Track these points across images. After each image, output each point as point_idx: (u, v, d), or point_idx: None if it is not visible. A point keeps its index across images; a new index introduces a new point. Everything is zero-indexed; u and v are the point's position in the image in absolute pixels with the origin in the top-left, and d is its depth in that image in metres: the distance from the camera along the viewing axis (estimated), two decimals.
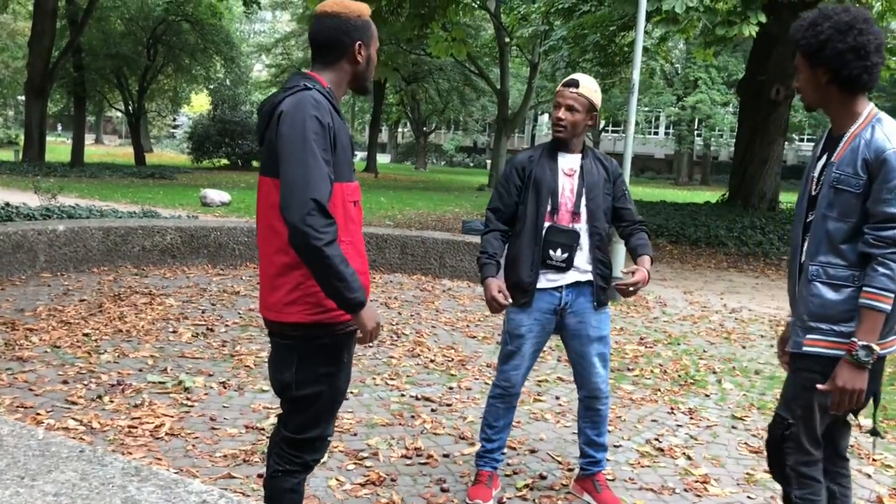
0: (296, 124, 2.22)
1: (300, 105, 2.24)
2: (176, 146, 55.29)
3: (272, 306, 2.36)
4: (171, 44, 31.02)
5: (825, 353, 2.47)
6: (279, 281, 2.32)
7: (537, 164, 3.29)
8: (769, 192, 15.61)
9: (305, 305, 2.29)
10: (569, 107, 3.23)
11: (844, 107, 2.48)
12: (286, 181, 2.20)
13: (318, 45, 2.41)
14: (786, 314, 8.28)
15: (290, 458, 2.45)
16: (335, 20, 2.37)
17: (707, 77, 41.53)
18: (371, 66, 2.46)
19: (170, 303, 6.74)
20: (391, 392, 4.76)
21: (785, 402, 2.58)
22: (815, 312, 2.47)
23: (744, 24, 10.78)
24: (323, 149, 2.24)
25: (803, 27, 2.48)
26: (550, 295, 3.27)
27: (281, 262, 2.31)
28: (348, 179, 2.37)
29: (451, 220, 16.53)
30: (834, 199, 2.43)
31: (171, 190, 20.54)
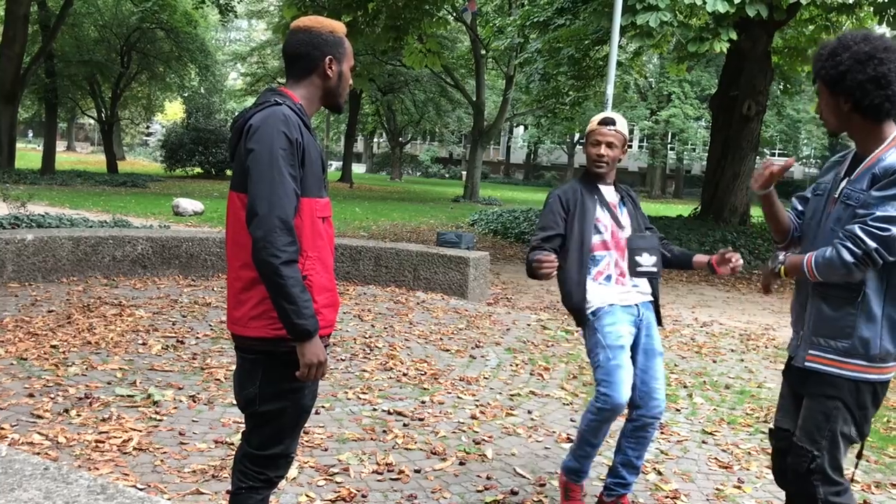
0: (263, 140, 2.23)
1: (268, 120, 2.26)
2: (149, 154, 54.84)
3: (238, 320, 2.36)
4: (146, 51, 30.78)
5: (826, 371, 2.53)
6: (245, 295, 2.33)
7: (582, 197, 3.42)
8: (741, 206, 15.78)
9: (270, 320, 2.29)
10: (609, 143, 3.41)
11: (868, 132, 2.53)
12: (252, 197, 2.22)
13: (289, 58, 2.43)
14: (758, 327, 8.37)
15: (253, 474, 2.44)
16: (306, 34, 2.39)
17: (680, 91, 42.00)
18: (344, 82, 2.47)
19: (140, 314, 6.67)
20: (363, 406, 4.74)
21: (807, 434, 2.57)
22: (817, 327, 2.56)
23: (715, 40, 10.92)
24: (290, 164, 2.25)
25: (823, 57, 2.51)
26: (629, 307, 3.38)
27: (247, 277, 2.32)
28: (317, 195, 2.38)
29: (426, 231, 16.53)
30: (842, 214, 2.51)
31: (143, 199, 20.36)
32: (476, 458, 4.07)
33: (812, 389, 2.59)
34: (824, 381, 2.54)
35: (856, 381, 2.51)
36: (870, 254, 2.38)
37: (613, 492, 3.47)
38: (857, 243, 2.39)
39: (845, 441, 2.54)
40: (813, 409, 2.57)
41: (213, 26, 43.40)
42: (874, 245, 2.37)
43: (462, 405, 4.93)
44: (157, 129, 55.09)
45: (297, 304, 2.20)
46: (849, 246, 2.40)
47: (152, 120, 52.29)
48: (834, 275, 2.46)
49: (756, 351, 7.23)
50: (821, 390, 2.55)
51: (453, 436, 4.37)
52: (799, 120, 43.33)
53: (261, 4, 41.23)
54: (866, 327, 2.48)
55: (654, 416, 3.39)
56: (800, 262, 2.57)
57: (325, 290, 2.40)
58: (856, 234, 2.40)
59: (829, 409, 2.52)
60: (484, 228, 17.85)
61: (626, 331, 3.31)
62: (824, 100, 2.55)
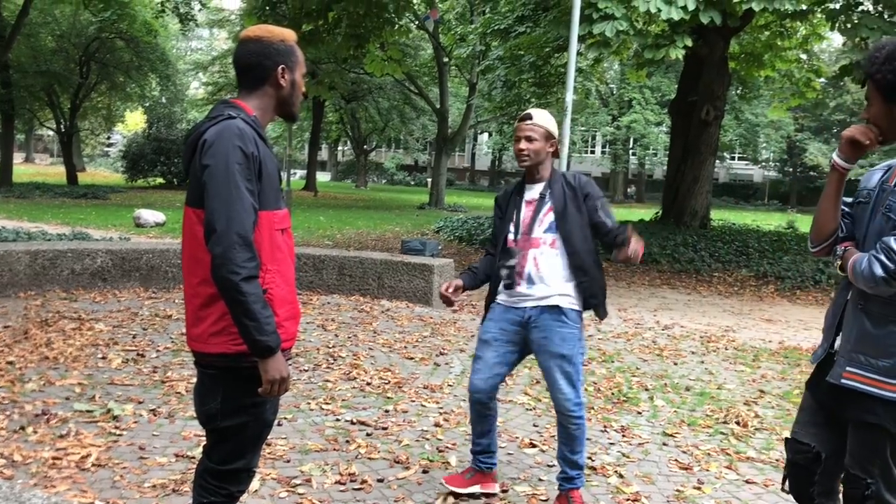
0: (218, 155, 2.22)
1: (223, 135, 2.24)
2: (110, 165, 54.05)
3: (198, 337, 2.34)
4: (105, 61, 30.37)
5: (864, 390, 2.41)
6: (204, 312, 2.32)
7: (510, 198, 3.63)
8: (701, 209, 15.99)
9: (231, 336, 2.28)
10: (527, 137, 3.49)
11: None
12: (210, 213, 2.20)
13: (240, 69, 2.41)
14: (718, 329, 8.49)
15: (214, 489, 2.43)
16: (257, 44, 2.38)
17: (641, 97, 42.49)
18: (297, 91, 2.47)
19: (99, 328, 6.58)
20: (326, 417, 4.72)
21: (858, 463, 2.47)
22: (857, 343, 2.44)
23: (671, 47, 11.06)
24: (247, 179, 2.24)
25: (879, 60, 2.36)
26: (515, 308, 3.52)
27: (205, 293, 2.30)
28: (275, 207, 2.37)
29: (391, 239, 16.51)
30: (884, 226, 2.40)
31: (103, 210, 20.07)
32: (440, 465, 4.09)
33: (852, 414, 2.47)
34: (863, 403, 2.43)
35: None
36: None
37: (562, 487, 3.59)
38: (891, 256, 2.29)
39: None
40: (859, 439, 2.47)
41: (174, 35, 42.99)
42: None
43: (426, 413, 4.94)
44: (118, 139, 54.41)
45: (258, 320, 2.19)
46: (882, 259, 2.31)
47: (113, 130, 51.64)
48: (865, 285, 2.37)
49: (716, 353, 7.33)
50: (861, 416, 2.44)
51: (417, 444, 4.38)
52: (757, 124, 44.00)
53: (221, 13, 40.89)
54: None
55: (561, 411, 3.53)
56: (847, 261, 2.45)
57: (286, 302, 2.39)
58: (891, 246, 2.30)
59: (875, 440, 2.42)
60: (449, 235, 17.88)
61: (498, 329, 3.56)
62: (877, 106, 2.40)
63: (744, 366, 6.85)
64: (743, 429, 5.00)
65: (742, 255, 13.97)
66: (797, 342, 8.15)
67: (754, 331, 8.72)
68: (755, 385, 6.19)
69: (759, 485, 4.10)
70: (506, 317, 3.55)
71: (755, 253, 14.06)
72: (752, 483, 4.11)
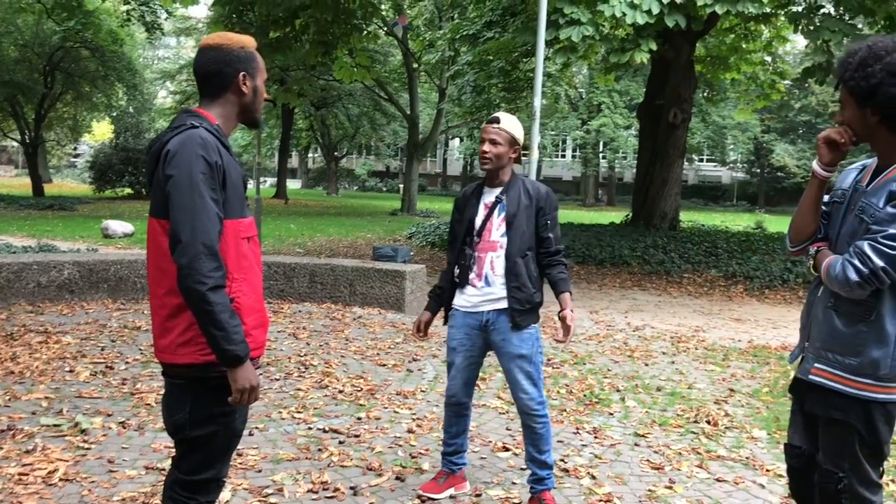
0: (182, 165, 2.21)
1: (186, 145, 2.23)
2: (77, 176, 53.42)
3: (165, 348, 2.33)
4: (70, 71, 30.02)
5: (831, 387, 2.45)
6: (171, 323, 2.30)
7: (469, 200, 3.65)
8: (670, 211, 16.15)
9: (199, 346, 2.27)
10: (492, 140, 3.51)
11: (891, 145, 2.44)
12: (174, 224, 2.19)
13: (201, 78, 2.40)
14: (688, 329, 8.57)
15: (184, 500, 2.41)
16: (217, 52, 2.37)
17: (610, 101, 42.83)
18: (259, 97, 2.46)
19: (67, 340, 6.49)
20: (298, 425, 4.70)
21: (830, 458, 2.52)
22: (826, 341, 2.48)
23: (636, 51, 11.17)
24: (211, 188, 2.23)
25: (852, 66, 2.38)
26: (472, 314, 3.59)
27: (172, 304, 2.29)
28: (240, 216, 2.36)
29: (362, 246, 16.48)
30: (857, 228, 2.42)
31: (71, 222, 19.82)
32: (413, 471, 4.08)
33: (818, 409, 2.53)
34: (829, 399, 2.47)
35: (863, 400, 2.42)
36: (876, 272, 2.30)
37: (534, 489, 3.64)
38: (865, 261, 2.31)
39: (870, 458, 2.48)
40: (829, 431, 2.51)
41: (140, 44, 42.63)
42: (882, 264, 2.29)
43: (399, 419, 4.93)
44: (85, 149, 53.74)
45: (226, 329, 2.18)
46: (856, 263, 2.32)
47: (79, 141, 51.02)
48: (839, 289, 2.40)
49: (686, 353, 7.40)
50: (828, 412, 2.49)
51: (390, 451, 4.37)
52: (724, 126, 44.54)
53: (188, 22, 40.62)
54: (877, 347, 2.39)
55: (525, 411, 3.59)
56: (821, 262, 2.48)
57: (253, 311, 2.39)
58: (864, 251, 2.32)
59: (843, 434, 2.47)
60: (422, 241, 17.89)
61: (462, 334, 3.63)
62: (850, 110, 2.43)
63: (714, 365, 6.92)
64: (713, 428, 5.05)
65: (711, 255, 14.12)
66: (766, 341, 8.25)
67: (724, 330, 8.81)
68: (725, 384, 6.25)
69: (729, 482, 4.14)
70: (466, 322, 3.61)
71: (724, 253, 14.21)
72: (722, 481, 4.15)
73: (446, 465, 3.79)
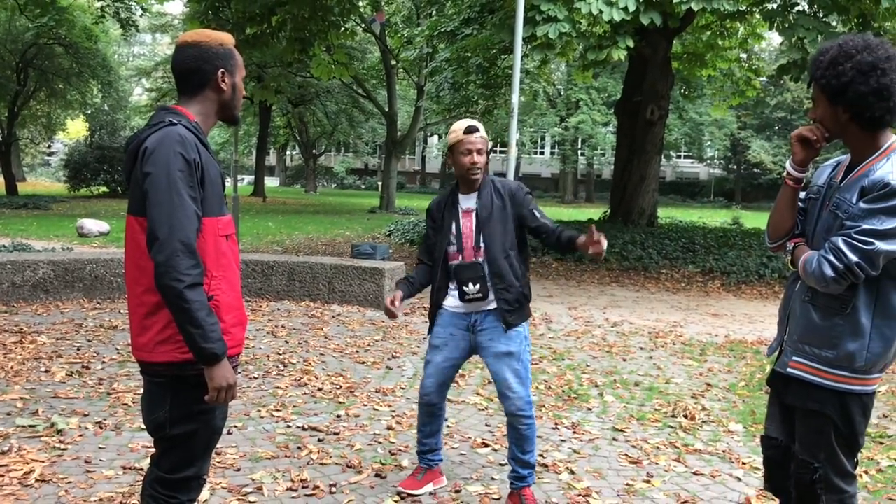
0: (160, 163, 2.20)
1: (164, 142, 2.23)
2: (51, 174, 52.90)
3: (143, 347, 2.33)
4: (44, 68, 29.64)
5: (808, 379, 2.50)
6: (149, 321, 2.30)
7: (445, 208, 3.61)
8: (648, 208, 16.22)
9: (177, 344, 2.27)
10: (479, 150, 3.50)
11: (863, 141, 2.47)
12: (152, 221, 2.19)
13: (180, 75, 2.40)
14: (666, 324, 8.63)
15: (164, 499, 2.41)
16: (195, 49, 2.37)
17: (588, 98, 42.94)
18: (238, 94, 2.47)
19: (42, 340, 6.43)
20: (277, 424, 4.68)
21: (806, 448, 2.56)
22: (803, 334, 2.52)
23: (613, 48, 11.22)
24: (189, 186, 2.23)
25: (823, 65, 2.42)
26: (461, 315, 3.59)
27: (150, 302, 2.29)
28: (219, 214, 2.36)
29: (341, 243, 16.43)
30: (832, 223, 2.47)
31: (45, 220, 19.61)
32: (392, 468, 4.08)
33: (796, 401, 2.57)
34: (807, 392, 2.51)
35: (839, 392, 2.47)
36: (851, 268, 2.34)
37: (514, 486, 3.65)
38: (840, 256, 2.35)
39: (845, 449, 2.53)
40: (806, 423, 2.56)
41: (115, 41, 42.17)
42: (856, 259, 2.33)
43: (378, 417, 4.93)
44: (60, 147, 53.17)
45: (203, 327, 2.18)
46: (831, 259, 2.36)
47: (54, 139, 50.47)
48: (815, 284, 2.44)
49: (664, 348, 7.46)
50: (804, 403, 2.53)
51: (369, 448, 4.37)
52: (701, 123, 44.82)
53: (164, 18, 40.29)
54: (852, 340, 2.43)
55: (512, 412, 3.58)
56: (798, 258, 2.53)
57: (232, 308, 2.38)
58: (839, 246, 2.36)
59: (819, 425, 2.51)
60: (400, 238, 17.86)
61: (448, 334, 3.61)
62: (822, 108, 2.47)
63: (691, 360, 6.98)
64: (690, 422, 5.09)
65: (689, 251, 14.22)
66: (742, 335, 8.33)
67: (701, 325, 8.89)
68: (702, 378, 6.30)
69: (706, 476, 4.18)
70: (454, 321, 3.60)
71: (701, 249, 14.32)
72: (699, 475, 4.19)
73: (423, 462, 3.82)
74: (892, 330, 2.45)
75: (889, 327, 2.45)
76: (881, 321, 2.44)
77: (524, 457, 3.60)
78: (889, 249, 2.34)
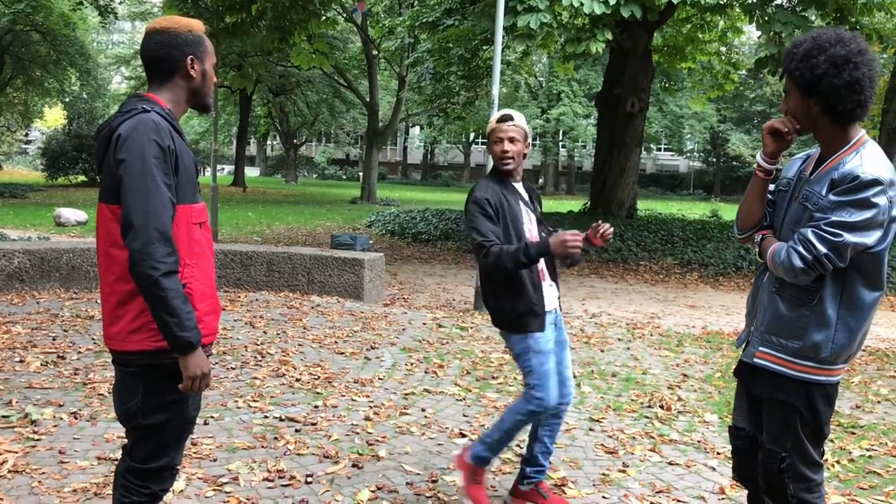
0: (134, 149, 2.19)
1: (138, 129, 2.22)
2: (29, 163, 52.32)
3: (115, 336, 2.32)
4: (20, 55, 29.35)
5: (774, 370, 2.53)
6: (122, 310, 2.29)
7: (506, 199, 3.40)
8: (627, 200, 16.32)
9: (150, 332, 2.27)
10: (511, 139, 3.42)
11: (834, 134, 2.50)
12: (127, 209, 2.17)
13: (149, 62, 2.39)
14: (644, 316, 8.69)
15: (136, 489, 2.40)
16: (164, 35, 2.36)
17: (569, 90, 43.06)
18: (208, 81, 2.45)
19: (17, 330, 6.37)
20: (254, 414, 4.67)
21: (773, 438, 2.59)
22: (770, 324, 2.56)
23: (592, 41, 11.25)
24: (164, 172, 2.22)
25: (797, 57, 2.45)
26: (550, 312, 3.47)
27: (123, 291, 2.28)
28: (192, 201, 2.35)
29: (321, 234, 16.39)
30: (801, 216, 2.50)
31: (22, 210, 19.40)
32: (369, 458, 4.08)
33: (762, 391, 2.60)
34: (773, 381, 2.55)
35: (804, 382, 2.50)
36: (819, 259, 2.36)
37: (533, 479, 3.60)
38: (809, 248, 2.37)
39: (811, 438, 2.56)
40: (772, 412, 2.59)
41: (94, 28, 41.68)
42: (825, 251, 2.35)
43: (356, 407, 4.93)
44: (37, 136, 52.58)
45: (178, 316, 2.17)
46: (800, 250, 2.39)
47: (31, 127, 49.88)
48: (784, 275, 2.47)
49: (642, 339, 7.51)
50: (771, 394, 2.56)
51: (346, 438, 4.37)
52: (681, 116, 45.05)
53: (143, 6, 39.87)
54: (818, 330, 2.46)
55: (568, 401, 3.59)
56: (766, 249, 2.56)
57: (206, 297, 2.37)
58: (808, 238, 2.38)
59: (785, 415, 2.54)
60: (381, 229, 17.85)
61: (551, 334, 3.44)
62: (794, 100, 2.50)
63: (668, 351, 7.03)
64: (666, 412, 5.13)
65: (667, 243, 14.31)
66: (719, 327, 8.40)
67: (678, 317, 8.95)
68: (679, 369, 6.36)
69: (681, 466, 4.22)
70: (549, 322, 3.45)
71: (680, 241, 14.42)
72: (674, 464, 4.23)
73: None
74: (856, 321, 2.49)
75: (854, 318, 2.49)
76: (846, 312, 2.48)
77: (552, 446, 3.61)
78: (857, 241, 2.37)
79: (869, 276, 2.47)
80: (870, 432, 4.94)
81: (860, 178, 2.36)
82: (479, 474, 3.55)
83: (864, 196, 2.36)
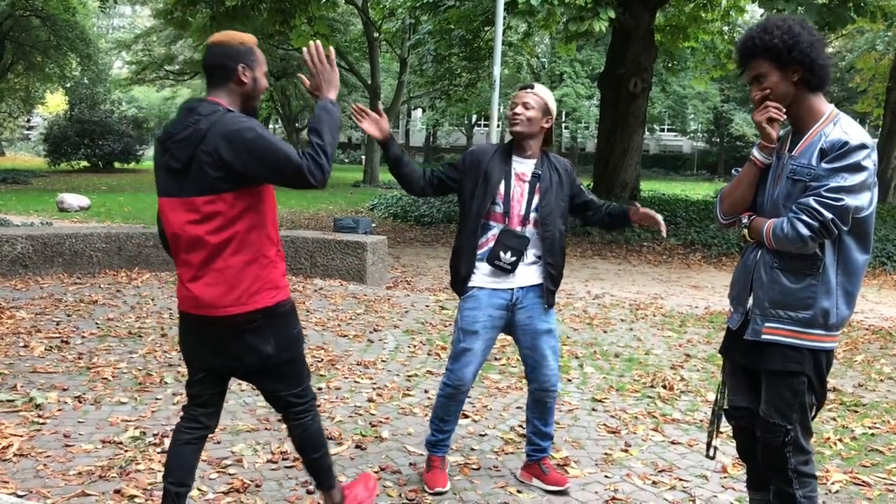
0: (248, 127, 2.55)
1: (238, 118, 2.57)
2: (31, 149, 52.23)
3: (237, 301, 2.63)
4: (21, 40, 29.24)
5: (786, 342, 2.56)
6: (239, 277, 2.62)
7: (491, 161, 3.39)
8: (630, 181, 16.25)
9: (268, 290, 2.67)
10: (524, 104, 3.37)
11: (810, 107, 2.58)
12: (281, 162, 2.51)
13: (208, 70, 2.70)
14: (647, 297, 8.68)
15: (305, 406, 2.89)
16: (220, 48, 2.69)
17: (572, 71, 42.78)
18: (259, 87, 2.74)
19: (21, 315, 6.39)
20: (258, 397, 4.67)
21: (778, 411, 2.60)
22: (775, 300, 2.58)
23: (594, 19, 11.17)
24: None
25: (764, 32, 2.55)
26: (499, 292, 3.40)
27: (239, 262, 2.61)
28: None
29: (324, 217, 16.39)
30: (791, 190, 2.55)
31: (25, 195, 19.42)
32: (372, 440, 4.11)
33: (773, 365, 2.60)
34: (786, 354, 2.57)
35: (814, 350, 2.56)
36: (826, 224, 2.42)
37: (533, 457, 3.66)
38: (814, 215, 2.43)
39: (816, 404, 2.65)
40: (780, 385, 2.60)
41: (94, 13, 41.48)
42: (830, 216, 2.42)
43: (359, 389, 4.95)
44: (39, 121, 52.48)
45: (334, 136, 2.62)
46: (804, 219, 2.44)
47: (33, 112, 49.81)
48: (790, 246, 2.50)
49: (645, 320, 7.51)
50: (784, 365, 2.58)
51: (350, 420, 4.39)
52: (685, 96, 44.80)
53: None
54: (826, 298, 2.53)
55: (546, 388, 3.54)
56: (760, 227, 2.60)
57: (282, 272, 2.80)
58: (811, 206, 2.44)
59: (796, 384, 2.57)
60: (384, 212, 17.84)
61: (486, 316, 3.39)
62: (771, 77, 2.56)
63: (671, 331, 7.03)
64: (669, 392, 5.14)
65: (671, 224, 14.28)
66: (722, 307, 8.40)
67: (682, 297, 8.95)
68: (681, 349, 6.36)
69: (683, 445, 4.23)
70: (492, 302, 3.39)
71: (683, 222, 14.39)
72: (677, 444, 4.24)
73: (439, 451, 3.60)
74: (853, 285, 2.59)
75: (850, 283, 2.58)
76: (844, 278, 2.57)
77: (546, 429, 3.61)
78: (857, 204, 2.47)
79: (860, 240, 2.56)
80: (872, 410, 4.95)
81: (849, 144, 2.46)
82: (432, 461, 3.60)
83: (855, 160, 2.46)
